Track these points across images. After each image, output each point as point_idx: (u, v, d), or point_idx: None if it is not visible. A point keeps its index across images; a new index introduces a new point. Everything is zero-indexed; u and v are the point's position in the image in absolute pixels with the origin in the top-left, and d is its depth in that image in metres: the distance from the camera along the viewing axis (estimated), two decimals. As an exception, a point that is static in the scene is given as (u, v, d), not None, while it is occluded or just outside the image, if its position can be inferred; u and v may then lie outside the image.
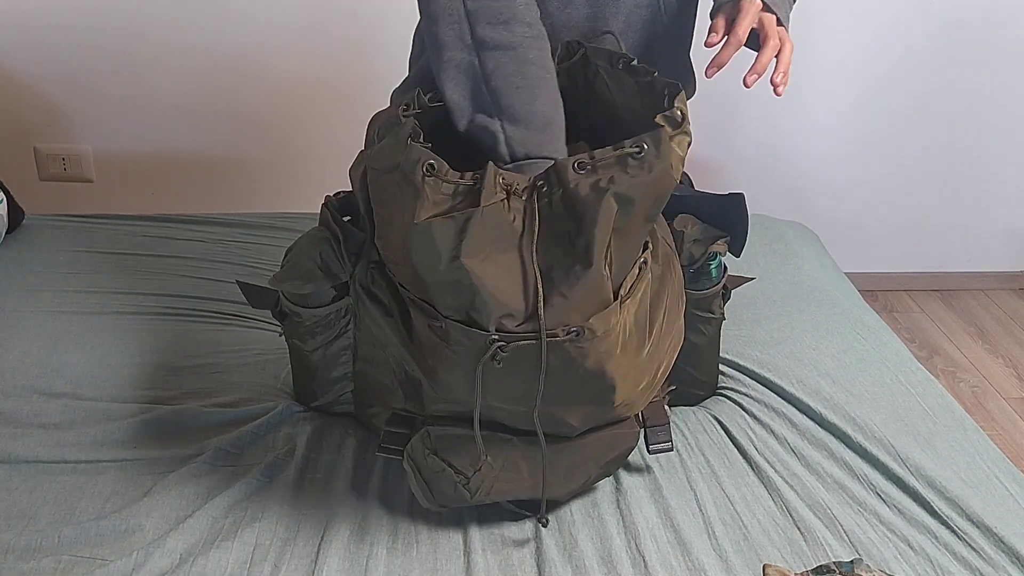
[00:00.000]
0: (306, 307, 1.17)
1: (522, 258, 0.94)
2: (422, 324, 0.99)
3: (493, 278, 0.92)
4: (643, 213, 0.97)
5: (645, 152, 0.93)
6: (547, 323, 0.93)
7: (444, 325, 0.96)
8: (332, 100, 2.37)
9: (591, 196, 0.92)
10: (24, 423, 1.22)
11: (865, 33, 2.46)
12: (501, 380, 0.98)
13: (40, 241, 1.74)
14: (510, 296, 0.93)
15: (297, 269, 1.13)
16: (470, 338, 0.95)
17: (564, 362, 0.96)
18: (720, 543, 1.07)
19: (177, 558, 1.01)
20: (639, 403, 1.11)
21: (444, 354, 0.98)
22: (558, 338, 0.94)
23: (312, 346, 1.20)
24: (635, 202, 0.94)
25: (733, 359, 1.41)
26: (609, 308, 0.96)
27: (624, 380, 1.02)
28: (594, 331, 0.95)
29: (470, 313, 0.94)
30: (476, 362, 0.95)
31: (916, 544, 1.08)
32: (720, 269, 1.25)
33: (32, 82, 2.30)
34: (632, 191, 0.93)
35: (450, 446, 1.05)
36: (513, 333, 0.94)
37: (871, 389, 1.36)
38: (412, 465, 1.08)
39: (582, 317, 0.94)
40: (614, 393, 1.02)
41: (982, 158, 2.65)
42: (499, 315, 0.93)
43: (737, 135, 2.54)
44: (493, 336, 0.93)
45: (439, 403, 1.05)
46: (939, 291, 2.81)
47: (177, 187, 2.46)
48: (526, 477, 1.06)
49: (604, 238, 0.93)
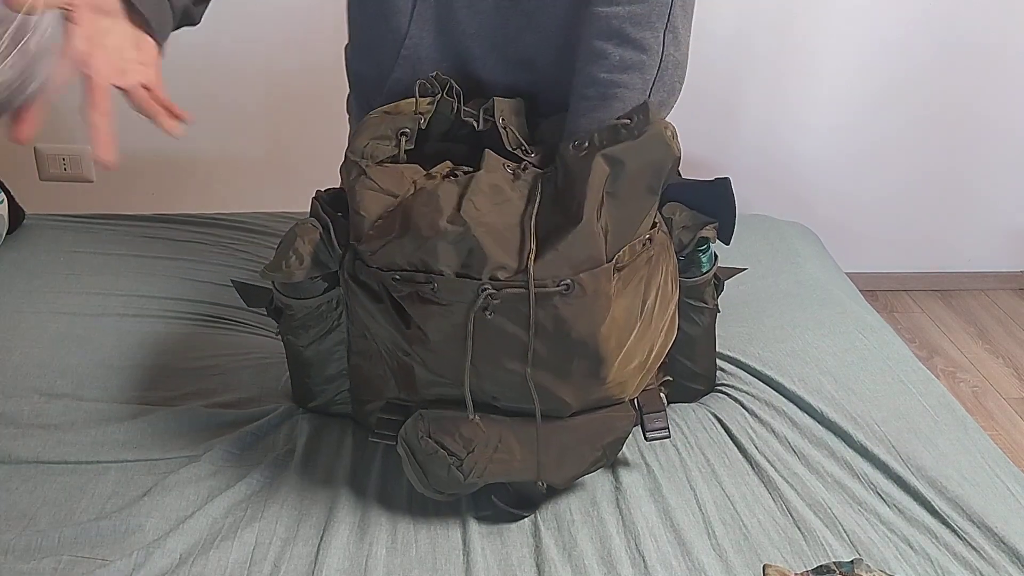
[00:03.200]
0: (297, 299, 1.18)
1: (522, 217, 1.01)
2: (412, 299, 1.03)
3: (488, 231, 0.99)
4: (638, 178, 1.02)
5: (634, 122, 1.01)
6: (537, 274, 0.98)
7: (436, 285, 1.00)
8: (332, 100, 2.36)
9: (583, 159, 1.00)
10: (25, 423, 1.22)
11: (867, 38, 2.46)
12: (492, 342, 1.01)
13: (40, 241, 1.74)
14: (505, 250, 0.99)
15: (287, 258, 1.14)
16: (462, 290, 0.99)
17: (554, 322, 1.00)
18: (720, 542, 1.07)
19: (177, 558, 1.02)
20: (631, 385, 1.12)
21: (435, 317, 1.02)
22: (547, 288, 0.98)
23: (306, 341, 1.21)
24: (625, 164, 1.00)
25: (734, 356, 1.41)
26: (601, 267, 1.00)
27: (614, 353, 1.04)
28: (584, 287, 0.99)
29: (464, 268, 0.99)
30: (467, 316, 0.99)
31: (917, 544, 1.08)
32: (711, 258, 1.26)
33: (32, 82, 2.30)
34: (621, 153, 1.00)
35: (443, 428, 1.07)
36: (503, 281, 0.98)
37: (872, 388, 1.36)
38: (406, 448, 1.09)
39: (572, 270, 0.99)
40: (603, 366, 1.04)
41: (982, 159, 2.65)
42: (493, 267, 0.98)
43: (738, 138, 2.55)
44: (485, 285, 0.98)
45: (432, 386, 1.07)
46: (939, 291, 2.81)
47: (177, 187, 2.46)
48: (519, 458, 1.07)
49: (594, 196, 0.99)
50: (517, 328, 1.00)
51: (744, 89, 2.50)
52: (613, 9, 1.12)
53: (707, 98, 2.47)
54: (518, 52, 1.20)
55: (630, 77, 1.11)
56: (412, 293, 1.03)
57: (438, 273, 1.00)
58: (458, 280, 0.99)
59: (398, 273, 1.03)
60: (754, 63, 2.47)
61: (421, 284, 1.01)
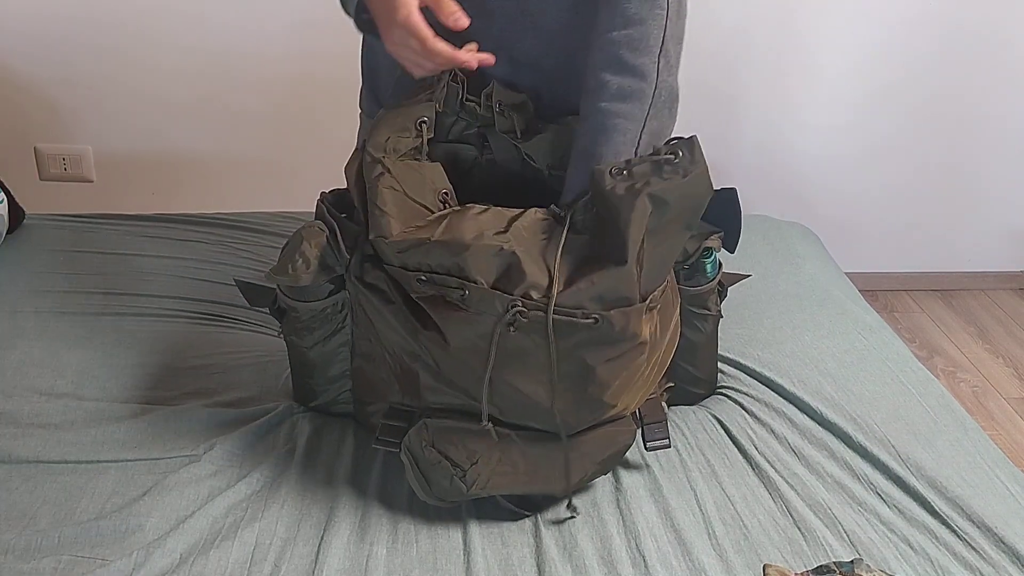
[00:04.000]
0: (302, 301, 1.17)
1: (555, 244, 1.02)
2: (436, 303, 1.03)
3: (530, 253, 1.00)
4: (678, 217, 1.03)
5: (680, 158, 1.01)
6: (567, 301, 0.99)
7: (468, 293, 1.00)
8: (332, 100, 2.37)
9: (627, 197, 0.99)
10: (25, 423, 1.22)
11: (868, 36, 2.46)
12: (509, 358, 1.01)
13: (40, 241, 1.74)
14: (542, 272, 1.00)
15: (293, 262, 1.13)
16: (493, 302, 0.99)
17: (574, 351, 1.00)
18: (720, 543, 1.07)
19: (177, 558, 1.01)
20: (635, 401, 1.13)
21: (459, 323, 1.02)
22: (575, 319, 0.98)
23: (310, 342, 1.21)
24: (669, 204, 1.01)
25: (734, 358, 1.41)
26: (633, 307, 1.00)
27: (625, 385, 1.05)
28: (613, 324, 0.99)
29: (499, 281, 1.00)
30: (493, 327, 1.00)
31: (916, 544, 1.08)
32: (715, 265, 1.25)
33: (32, 82, 2.31)
34: (666, 193, 1.00)
35: (447, 438, 1.06)
36: (535, 301, 0.99)
37: (872, 389, 1.36)
38: (409, 457, 1.09)
39: (603, 307, 0.99)
40: (613, 396, 1.05)
41: (982, 158, 2.65)
42: (528, 285, 0.99)
43: (738, 137, 2.54)
44: (515, 301, 0.99)
45: (437, 394, 1.07)
46: (939, 291, 2.81)
47: (177, 187, 2.46)
48: (522, 472, 1.07)
49: (637, 237, 0.99)
50: (537, 350, 1.00)
51: (744, 88, 2.50)
52: (611, 35, 1.11)
53: (707, 98, 2.47)
54: (523, 54, 1.20)
55: (629, 107, 1.11)
56: (436, 297, 1.02)
57: (472, 281, 1.00)
58: (491, 292, 0.99)
59: (424, 275, 1.03)
60: (754, 62, 2.47)
61: (451, 289, 1.01)
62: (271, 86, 2.36)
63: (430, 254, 1.02)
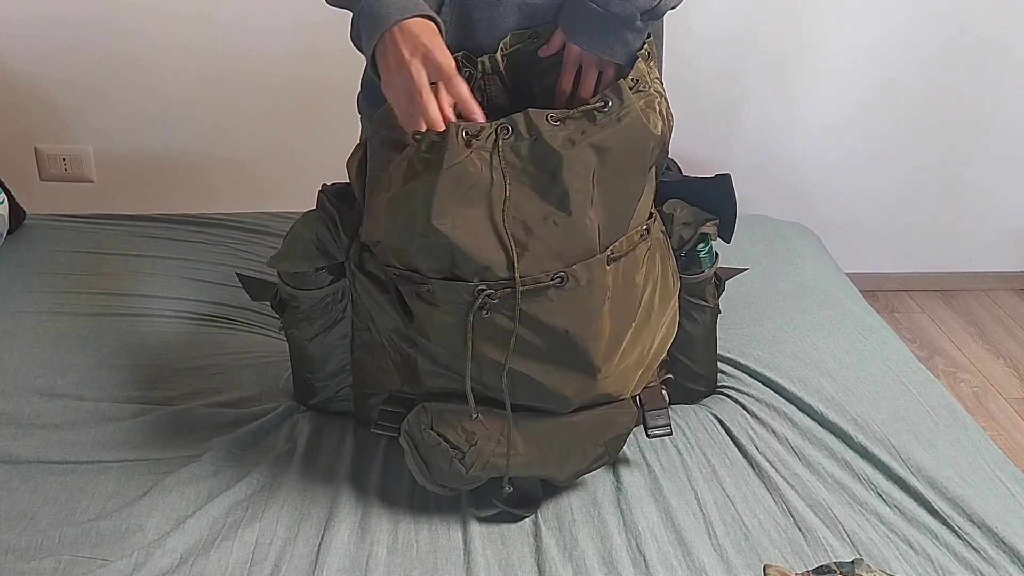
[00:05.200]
0: (303, 290, 1.18)
1: (491, 209, 0.98)
2: (411, 296, 1.03)
3: (467, 235, 0.97)
4: (625, 164, 1.02)
5: (610, 105, 1.00)
6: (528, 269, 0.98)
7: (431, 287, 1.00)
8: (331, 100, 2.36)
9: (566, 147, 0.98)
10: (25, 423, 1.22)
11: (868, 36, 2.45)
12: (491, 338, 1.02)
13: (40, 241, 1.74)
14: (487, 249, 0.98)
15: (294, 248, 1.14)
16: (457, 292, 0.99)
17: (550, 315, 1.00)
18: (721, 543, 1.07)
19: (177, 558, 1.02)
20: (631, 381, 1.12)
21: (435, 318, 1.02)
22: (541, 283, 0.99)
23: (309, 334, 1.21)
24: (611, 151, 1.00)
25: (734, 358, 1.41)
26: (594, 258, 1.00)
27: (610, 345, 1.05)
28: (578, 279, 1.00)
29: (453, 271, 0.99)
30: (466, 317, 1.00)
31: (917, 544, 1.08)
32: (711, 255, 1.26)
33: (32, 82, 2.30)
34: (606, 141, 1.00)
35: (446, 421, 1.07)
36: (499, 279, 0.99)
37: (872, 389, 1.36)
38: (409, 440, 1.09)
39: (564, 264, 0.99)
40: (599, 357, 1.05)
41: (983, 158, 2.65)
42: (480, 268, 0.98)
43: (738, 137, 2.54)
44: (480, 286, 0.98)
45: (435, 377, 1.08)
46: (939, 291, 2.81)
47: (177, 187, 2.46)
48: (521, 452, 1.08)
49: (585, 188, 0.99)
50: (513, 324, 1.01)
51: (744, 88, 2.50)
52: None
53: (707, 97, 2.47)
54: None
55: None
56: (411, 291, 1.04)
57: (430, 276, 1.01)
58: (449, 283, 1.00)
59: (395, 272, 1.04)
60: (754, 62, 2.47)
61: (418, 284, 1.02)
62: (271, 86, 2.36)
63: (388, 253, 1.04)
